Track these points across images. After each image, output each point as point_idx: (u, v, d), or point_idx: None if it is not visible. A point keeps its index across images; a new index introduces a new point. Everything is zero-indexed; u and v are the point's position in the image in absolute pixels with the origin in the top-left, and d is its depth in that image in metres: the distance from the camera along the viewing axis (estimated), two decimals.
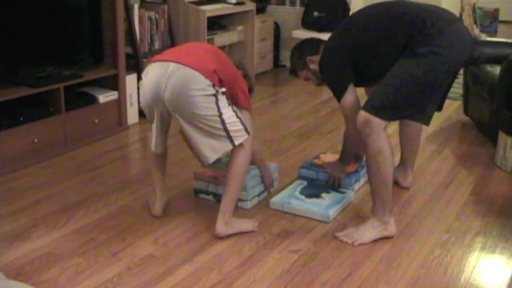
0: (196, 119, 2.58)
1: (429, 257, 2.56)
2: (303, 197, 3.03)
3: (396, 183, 3.09)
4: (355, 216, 2.93)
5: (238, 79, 2.79)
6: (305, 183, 3.20)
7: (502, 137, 3.53)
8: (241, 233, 2.72)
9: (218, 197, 3.03)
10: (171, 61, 2.58)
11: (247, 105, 2.82)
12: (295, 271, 2.44)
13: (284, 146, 3.90)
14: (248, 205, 2.99)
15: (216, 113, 2.57)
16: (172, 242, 2.65)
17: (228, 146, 2.65)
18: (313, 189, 3.12)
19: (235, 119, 2.65)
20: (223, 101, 2.61)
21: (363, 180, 3.27)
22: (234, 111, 2.66)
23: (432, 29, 2.57)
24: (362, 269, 2.46)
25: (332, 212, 2.88)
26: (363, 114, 2.59)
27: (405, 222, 2.86)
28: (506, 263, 2.54)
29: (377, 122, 2.56)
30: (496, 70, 3.80)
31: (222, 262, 2.49)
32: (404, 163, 3.23)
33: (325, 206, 2.93)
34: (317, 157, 3.47)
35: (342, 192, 3.09)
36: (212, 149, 2.65)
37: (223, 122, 2.60)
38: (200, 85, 2.52)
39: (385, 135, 2.60)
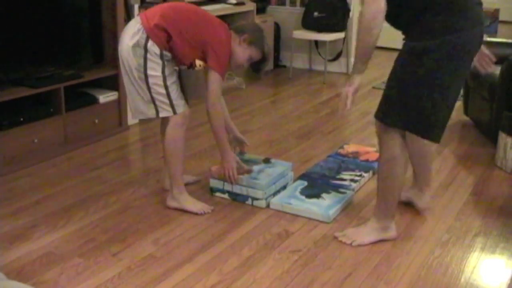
0: (127, 70, 2.78)
1: (429, 257, 2.56)
2: (303, 197, 3.03)
3: (410, 203, 2.97)
4: (355, 216, 2.93)
5: (213, 40, 2.78)
6: (305, 183, 3.20)
7: (502, 137, 3.53)
8: (190, 212, 2.89)
9: (233, 196, 3.03)
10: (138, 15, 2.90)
11: (214, 66, 2.79)
12: (295, 271, 2.44)
13: (284, 146, 3.90)
14: (264, 204, 2.99)
15: (141, 63, 2.74)
16: (172, 242, 2.65)
17: (151, 113, 2.84)
18: (314, 189, 3.12)
19: (163, 90, 2.78)
20: (155, 62, 2.74)
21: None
22: (165, 84, 2.78)
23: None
24: (362, 269, 2.46)
25: (333, 212, 2.88)
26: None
27: (405, 222, 2.86)
28: (506, 263, 2.54)
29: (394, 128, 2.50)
30: (496, 70, 3.80)
31: (222, 262, 2.49)
32: (419, 183, 2.96)
33: (325, 206, 2.93)
34: (341, 147, 3.78)
35: (342, 193, 3.09)
36: (136, 108, 2.88)
37: (147, 82, 2.76)
38: (135, 37, 2.74)
39: (401, 142, 2.52)
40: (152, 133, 4.18)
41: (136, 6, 4.35)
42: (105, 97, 4.00)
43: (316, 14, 5.80)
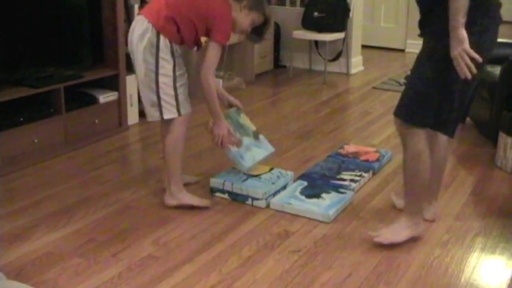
0: (139, 71, 2.84)
1: (429, 257, 2.56)
2: (303, 197, 3.03)
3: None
4: (356, 216, 2.93)
5: (215, 14, 2.80)
6: (305, 183, 3.20)
7: (502, 137, 3.53)
8: (192, 207, 2.94)
9: (234, 196, 3.04)
10: (140, 14, 2.87)
11: (218, 39, 2.82)
12: (295, 271, 2.44)
13: (284, 146, 3.90)
14: (264, 204, 2.99)
15: (153, 63, 2.78)
16: (172, 243, 2.65)
17: (156, 115, 2.89)
18: (313, 190, 3.12)
19: (171, 92, 2.82)
20: (166, 60, 2.79)
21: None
22: (175, 86, 2.82)
23: None
24: (362, 269, 2.46)
25: (333, 213, 2.88)
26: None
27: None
28: (506, 263, 2.54)
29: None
30: (496, 70, 3.80)
31: (222, 262, 2.49)
32: (428, 196, 2.83)
33: (325, 206, 2.93)
34: (341, 147, 3.78)
35: (342, 193, 3.09)
36: (149, 114, 2.93)
37: (157, 81, 2.80)
38: (145, 37, 2.77)
39: (425, 136, 2.52)
40: (152, 133, 4.18)
41: (136, 6, 4.35)
42: (105, 97, 4.00)
43: (316, 14, 5.80)
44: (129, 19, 4.27)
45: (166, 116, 2.86)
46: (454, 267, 2.49)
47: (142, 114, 4.39)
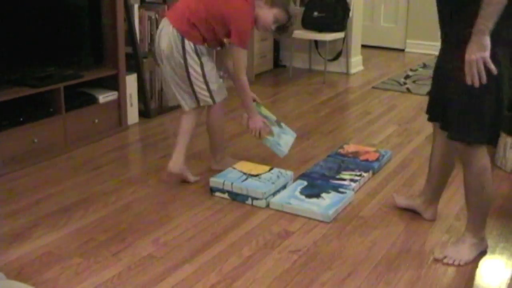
0: (173, 68, 3.08)
1: (429, 257, 2.56)
2: (303, 197, 3.03)
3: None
4: (355, 216, 2.93)
5: (232, 15, 2.96)
6: (305, 183, 3.20)
7: (502, 137, 3.53)
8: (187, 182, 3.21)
9: (233, 195, 3.04)
10: (166, 17, 3.11)
11: (236, 41, 3.01)
12: (295, 271, 2.44)
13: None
14: (263, 203, 2.99)
15: (182, 62, 3.03)
16: (172, 242, 2.65)
17: (191, 103, 3.15)
18: (313, 189, 3.12)
19: (203, 85, 3.08)
20: (193, 59, 3.02)
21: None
22: (205, 81, 3.07)
23: None
24: (362, 269, 2.46)
25: (332, 212, 2.88)
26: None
27: (405, 222, 2.86)
28: (506, 263, 2.54)
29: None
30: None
31: (222, 262, 2.49)
32: (431, 195, 2.85)
33: (325, 206, 2.93)
34: (341, 147, 3.78)
35: (342, 192, 3.09)
36: (184, 101, 3.17)
37: (189, 78, 3.06)
38: (171, 40, 3.00)
39: (485, 148, 2.41)
40: (152, 133, 4.18)
41: (136, 6, 4.35)
42: (105, 97, 4.00)
43: (316, 14, 5.80)
44: (129, 19, 4.27)
45: (202, 103, 3.16)
46: (454, 267, 2.49)
47: (141, 113, 4.41)
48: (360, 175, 3.33)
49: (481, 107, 2.32)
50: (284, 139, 3.47)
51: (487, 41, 2.17)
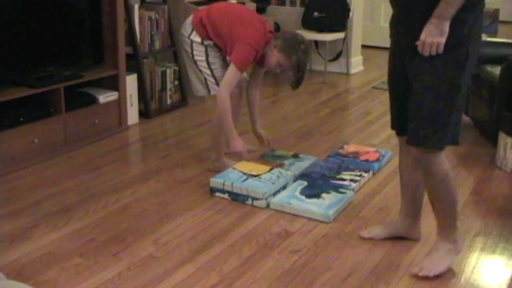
0: (186, 54, 3.32)
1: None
2: (303, 197, 3.03)
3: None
4: (355, 216, 2.94)
5: (239, 39, 3.09)
6: (305, 183, 3.20)
7: (502, 137, 3.53)
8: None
9: (234, 196, 3.04)
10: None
11: (233, 59, 3.10)
12: (295, 271, 2.44)
13: (284, 146, 3.90)
14: (264, 204, 2.99)
15: (189, 51, 3.27)
16: (172, 242, 2.65)
17: (205, 91, 3.32)
18: (313, 190, 3.12)
19: (209, 72, 3.26)
20: (198, 49, 3.24)
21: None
22: (210, 67, 3.24)
23: None
24: (362, 269, 2.46)
25: (332, 212, 2.88)
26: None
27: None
28: (506, 263, 2.54)
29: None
30: (496, 70, 3.80)
31: (222, 262, 2.50)
32: (412, 213, 2.66)
33: (325, 206, 2.93)
34: (341, 147, 3.78)
35: (342, 193, 3.09)
36: (195, 87, 3.37)
37: (197, 65, 3.27)
38: (187, 30, 3.27)
39: (445, 153, 2.33)
40: (152, 133, 4.18)
41: (136, 6, 4.35)
42: (105, 97, 4.00)
43: (316, 14, 5.80)
44: (129, 19, 4.27)
45: (213, 92, 3.28)
46: (454, 267, 2.49)
47: (142, 114, 4.41)
48: (360, 175, 3.33)
49: (450, 113, 2.24)
50: (297, 165, 3.44)
51: (447, 27, 2.13)
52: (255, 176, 3.17)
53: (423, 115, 2.25)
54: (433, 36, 2.15)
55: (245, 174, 3.18)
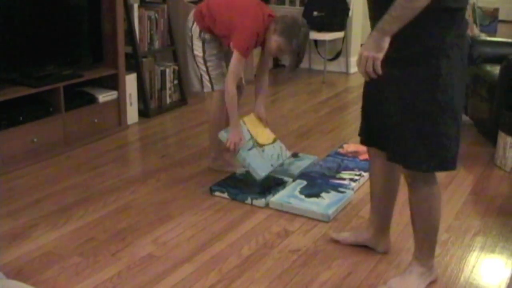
0: (187, 48, 3.34)
1: None
2: (302, 196, 3.03)
3: (368, 248, 2.60)
4: (355, 216, 2.94)
5: (237, 26, 3.08)
6: (304, 182, 3.20)
7: (501, 136, 3.54)
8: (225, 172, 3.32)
9: (233, 195, 3.04)
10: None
11: (234, 45, 3.10)
12: (295, 270, 2.44)
13: (283, 145, 3.90)
14: (263, 203, 3.00)
15: (190, 44, 3.28)
16: (172, 242, 2.65)
17: (199, 87, 3.36)
18: (313, 189, 3.12)
19: (204, 68, 3.27)
20: (197, 42, 3.25)
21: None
22: (206, 64, 3.25)
23: None
24: (361, 269, 2.46)
25: (332, 212, 2.88)
26: None
27: (405, 222, 2.86)
28: (505, 262, 2.55)
29: None
30: (496, 70, 3.80)
31: (221, 261, 2.50)
32: (381, 224, 2.54)
33: (324, 205, 2.93)
34: (341, 146, 3.79)
35: (342, 192, 3.09)
36: (192, 82, 3.43)
37: (195, 60, 3.29)
38: (190, 22, 3.29)
39: (434, 174, 2.20)
40: (151, 133, 4.18)
41: (135, 6, 4.35)
42: (105, 96, 4.00)
43: (315, 13, 5.80)
44: (129, 19, 4.27)
45: (205, 89, 3.32)
46: (453, 266, 2.49)
47: (141, 113, 4.41)
48: (359, 175, 3.33)
49: (437, 129, 2.08)
50: (296, 164, 3.44)
51: (386, 43, 1.97)
52: (260, 146, 3.24)
53: (403, 134, 2.12)
54: (369, 50, 1.98)
55: (252, 137, 3.23)
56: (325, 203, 2.96)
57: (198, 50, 3.26)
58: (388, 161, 2.25)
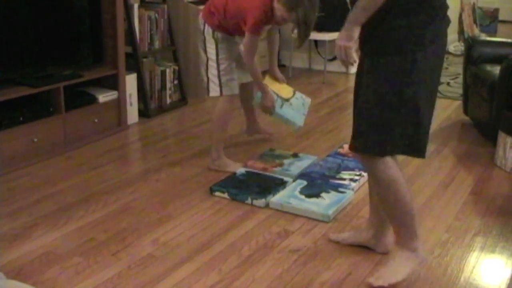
0: (200, 53, 3.38)
1: (429, 257, 2.56)
2: (303, 196, 3.03)
3: (368, 248, 2.60)
4: (355, 216, 2.94)
5: (247, 10, 3.11)
6: (304, 182, 3.20)
7: (502, 136, 3.54)
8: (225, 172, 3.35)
9: (233, 195, 3.04)
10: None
11: (248, 30, 3.14)
12: (295, 271, 2.44)
13: (284, 146, 3.90)
14: (263, 203, 3.00)
15: (204, 47, 3.33)
16: (172, 242, 2.65)
17: (206, 91, 3.39)
18: (313, 189, 3.12)
19: (215, 72, 3.30)
20: (210, 43, 3.29)
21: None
22: (218, 67, 3.29)
23: None
24: (362, 269, 2.46)
25: (332, 212, 2.88)
26: None
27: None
28: (505, 262, 2.55)
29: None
30: (496, 70, 3.80)
31: (221, 261, 2.50)
32: (380, 223, 2.55)
33: (325, 205, 2.93)
34: (341, 146, 3.78)
35: (342, 192, 3.09)
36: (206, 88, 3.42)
37: (207, 62, 3.32)
38: (200, 24, 3.33)
39: (393, 159, 2.25)
40: (152, 133, 4.18)
41: (135, 6, 4.35)
42: (105, 96, 4.00)
43: None
44: (129, 19, 4.27)
45: (211, 94, 3.36)
46: (453, 267, 2.49)
47: (141, 113, 4.41)
48: (360, 175, 3.33)
49: (393, 119, 2.15)
50: (296, 164, 3.48)
51: (356, 33, 2.14)
52: (287, 100, 3.53)
53: (362, 117, 2.24)
54: (341, 40, 2.17)
55: (278, 96, 3.47)
56: (325, 203, 2.96)
57: (211, 53, 3.31)
58: (349, 149, 2.32)
